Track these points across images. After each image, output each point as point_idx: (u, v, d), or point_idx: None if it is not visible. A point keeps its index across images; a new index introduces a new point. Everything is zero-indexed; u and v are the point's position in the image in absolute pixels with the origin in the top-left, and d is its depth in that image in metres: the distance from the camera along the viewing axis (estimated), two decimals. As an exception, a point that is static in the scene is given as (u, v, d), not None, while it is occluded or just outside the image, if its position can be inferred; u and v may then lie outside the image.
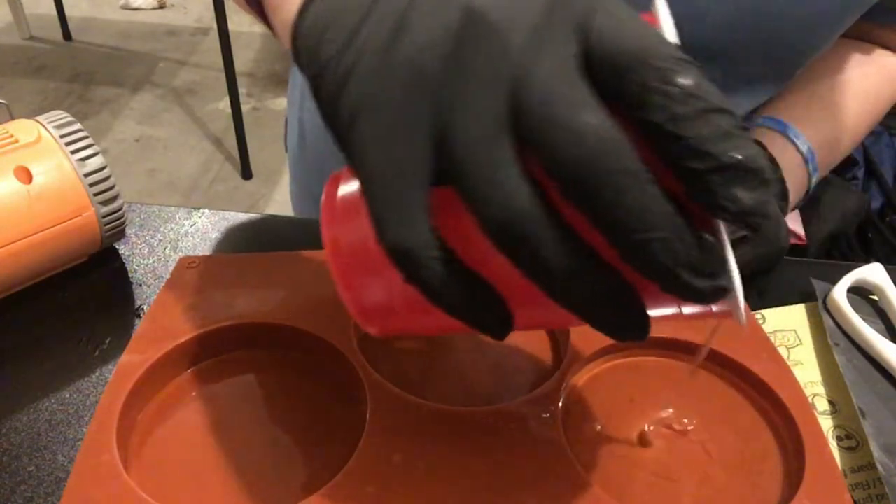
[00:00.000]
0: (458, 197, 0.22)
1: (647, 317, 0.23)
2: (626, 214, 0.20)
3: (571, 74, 0.21)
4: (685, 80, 0.20)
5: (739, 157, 0.20)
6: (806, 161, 0.55)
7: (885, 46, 0.61)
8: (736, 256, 0.43)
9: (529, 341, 0.43)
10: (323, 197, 0.28)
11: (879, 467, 0.35)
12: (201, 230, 0.51)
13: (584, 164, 0.20)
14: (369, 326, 0.29)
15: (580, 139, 0.20)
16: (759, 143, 0.52)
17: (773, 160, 0.52)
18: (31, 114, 0.46)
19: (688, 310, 0.26)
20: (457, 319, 0.24)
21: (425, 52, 0.23)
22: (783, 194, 0.51)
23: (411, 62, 0.23)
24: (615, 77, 0.21)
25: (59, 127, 0.44)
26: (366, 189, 0.24)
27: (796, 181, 0.55)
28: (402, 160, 0.23)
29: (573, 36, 0.22)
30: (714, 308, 0.26)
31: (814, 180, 0.56)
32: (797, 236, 0.67)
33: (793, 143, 0.55)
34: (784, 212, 0.52)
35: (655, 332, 0.43)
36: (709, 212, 0.21)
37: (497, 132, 0.22)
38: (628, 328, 0.23)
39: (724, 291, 0.23)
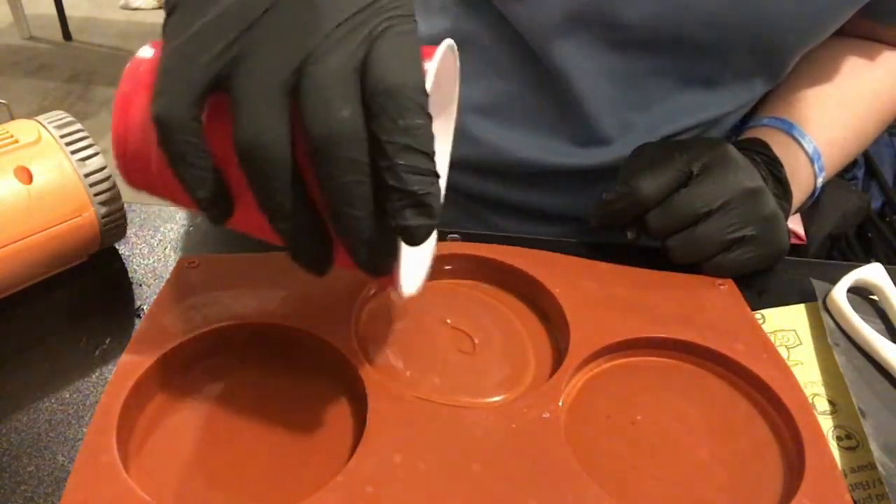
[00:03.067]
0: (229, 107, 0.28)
1: (327, 262, 0.31)
2: (337, 187, 0.27)
3: (349, 73, 0.27)
4: (412, 120, 0.27)
5: (417, 190, 0.27)
6: (812, 161, 0.55)
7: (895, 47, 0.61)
8: (736, 256, 0.46)
9: (530, 341, 0.43)
10: (130, 63, 0.33)
11: (879, 467, 0.35)
12: (201, 230, 0.51)
13: (326, 141, 0.27)
14: (125, 172, 0.34)
15: (330, 124, 0.27)
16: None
17: (775, 160, 0.52)
18: (31, 114, 0.46)
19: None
20: (185, 190, 0.29)
21: None
22: (785, 194, 0.51)
23: None
24: (369, 93, 0.27)
25: (59, 127, 0.44)
26: (159, 64, 0.29)
27: (801, 181, 0.55)
28: (195, 52, 0.28)
29: (364, 43, 0.28)
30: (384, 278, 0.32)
31: (820, 180, 0.56)
32: (797, 236, 0.67)
33: (798, 142, 0.55)
34: (787, 212, 0.52)
35: (655, 332, 0.43)
36: (389, 217, 0.28)
37: (278, 80, 0.27)
38: (309, 261, 0.31)
39: (387, 269, 0.30)
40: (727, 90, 0.57)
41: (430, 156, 0.28)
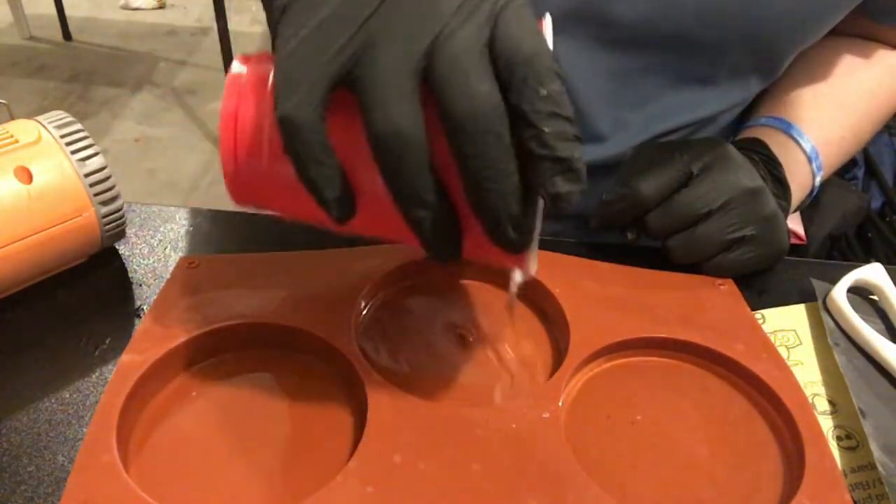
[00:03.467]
0: (355, 105, 0.28)
1: (459, 247, 0.31)
2: (482, 162, 0.27)
3: (479, 49, 0.27)
4: (552, 87, 0.27)
5: (567, 155, 0.27)
6: (809, 160, 0.55)
7: (893, 46, 0.61)
8: (736, 256, 0.46)
9: (530, 341, 0.43)
10: (228, 80, 0.32)
11: (879, 467, 0.35)
12: (201, 230, 0.51)
13: (469, 117, 0.27)
14: (236, 188, 0.33)
15: (472, 99, 0.27)
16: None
17: (774, 159, 0.52)
18: (31, 114, 0.46)
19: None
20: (312, 192, 0.29)
21: None
22: (784, 194, 0.51)
23: None
24: (506, 65, 0.27)
25: (59, 127, 0.44)
26: (277, 64, 0.28)
27: (800, 180, 0.55)
28: (316, 49, 0.28)
29: (489, 20, 0.28)
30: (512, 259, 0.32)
31: (818, 179, 0.56)
32: (797, 236, 0.67)
33: (796, 142, 0.55)
34: (786, 211, 0.52)
35: (655, 332, 0.43)
36: (535, 187, 0.28)
37: (409, 65, 0.27)
38: (442, 248, 0.30)
39: (525, 246, 0.30)
40: (722, 88, 0.57)
41: (572, 120, 0.27)
